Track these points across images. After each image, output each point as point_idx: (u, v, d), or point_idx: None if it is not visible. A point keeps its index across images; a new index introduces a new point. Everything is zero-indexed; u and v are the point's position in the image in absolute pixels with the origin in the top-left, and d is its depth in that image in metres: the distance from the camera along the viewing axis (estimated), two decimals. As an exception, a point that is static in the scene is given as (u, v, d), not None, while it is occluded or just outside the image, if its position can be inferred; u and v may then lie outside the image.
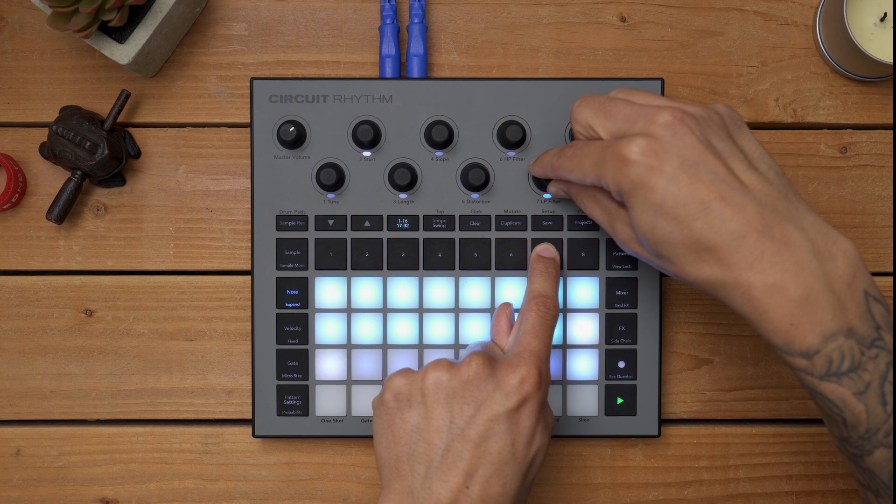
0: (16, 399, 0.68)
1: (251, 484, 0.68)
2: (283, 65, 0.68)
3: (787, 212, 0.51)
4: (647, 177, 0.51)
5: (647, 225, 0.52)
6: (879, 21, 0.65)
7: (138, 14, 0.62)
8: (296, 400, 0.65)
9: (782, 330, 0.50)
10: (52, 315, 0.68)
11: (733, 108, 0.55)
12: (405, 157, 0.65)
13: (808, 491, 0.68)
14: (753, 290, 0.50)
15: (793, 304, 0.50)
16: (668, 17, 0.68)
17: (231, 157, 0.68)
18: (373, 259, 0.65)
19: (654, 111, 0.53)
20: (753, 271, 0.50)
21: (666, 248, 0.52)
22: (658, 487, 0.68)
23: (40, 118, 0.68)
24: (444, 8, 0.68)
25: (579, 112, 0.56)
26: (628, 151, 0.52)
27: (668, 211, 0.51)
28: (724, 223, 0.50)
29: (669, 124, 0.52)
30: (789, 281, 0.50)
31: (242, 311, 0.68)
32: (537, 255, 0.63)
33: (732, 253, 0.50)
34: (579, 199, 0.59)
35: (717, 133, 0.53)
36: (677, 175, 0.51)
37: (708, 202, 0.50)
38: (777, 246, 0.50)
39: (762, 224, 0.50)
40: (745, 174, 0.52)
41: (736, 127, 0.54)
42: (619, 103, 0.55)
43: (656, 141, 0.51)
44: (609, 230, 0.57)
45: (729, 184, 0.51)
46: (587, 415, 0.66)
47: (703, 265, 0.51)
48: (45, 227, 0.68)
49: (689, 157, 0.51)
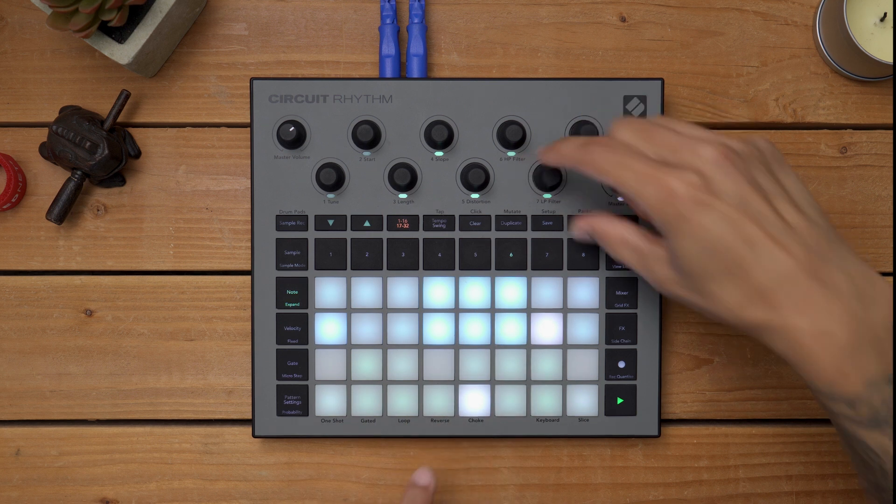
0: (16, 399, 0.68)
1: (251, 484, 0.68)
2: (283, 65, 0.68)
3: (832, 254, 0.51)
4: (694, 212, 0.50)
5: (693, 261, 0.51)
6: (879, 21, 0.65)
7: (138, 14, 0.62)
8: (296, 400, 0.65)
9: (827, 376, 0.49)
10: (52, 315, 0.68)
11: (773, 144, 0.55)
12: (405, 157, 0.65)
13: (808, 491, 0.68)
14: (800, 335, 0.49)
15: (840, 350, 0.49)
16: (668, 17, 0.68)
17: (231, 157, 0.68)
18: (373, 259, 0.65)
19: (699, 144, 0.52)
20: (801, 316, 0.49)
21: (710, 287, 0.52)
22: (658, 487, 0.68)
23: (40, 118, 0.68)
24: (444, 8, 0.68)
25: (620, 132, 0.55)
26: (676, 183, 0.51)
27: (715, 248, 0.50)
28: (773, 263, 0.50)
29: (715, 160, 0.51)
30: (837, 327, 0.49)
31: (242, 311, 0.68)
32: (412, 480, 0.62)
33: (780, 295, 0.50)
34: (608, 243, 0.58)
35: (761, 170, 0.52)
36: (726, 212, 0.50)
37: (756, 241, 0.50)
38: (824, 290, 0.49)
39: (809, 266, 0.50)
40: (791, 214, 0.51)
41: (777, 164, 0.54)
42: (662, 130, 0.54)
43: (704, 177, 0.51)
44: (643, 271, 0.56)
45: (777, 224, 0.50)
46: (587, 415, 0.66)
47: (748, 306, 0.51)
48: (45, 227, 0.68)
49: (736, 195, 0.51)
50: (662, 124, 0.55)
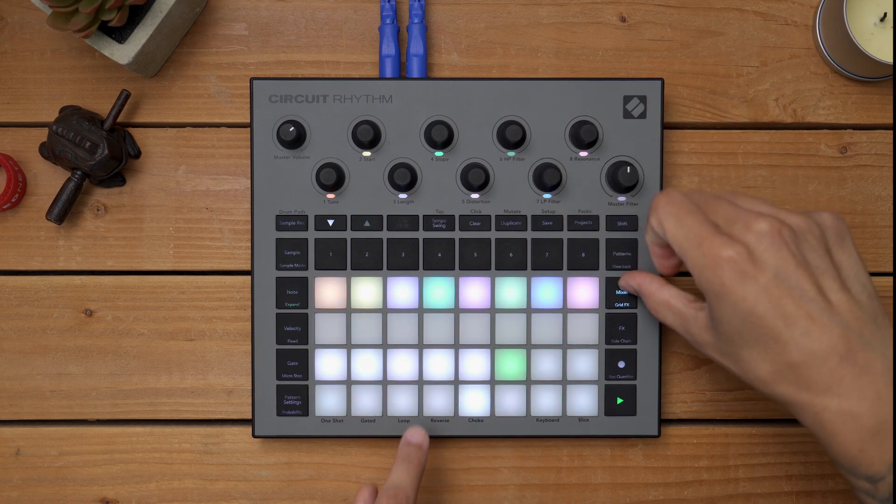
0: (16, 399, 0.68)
1: (251, 484, 0.68)
2: (283, 65, 0.68)
3: (874, 337, 0.51)
4: (738, 283, 0.51)
5: (730, 328, 0.53)
6: (879, 21, 0.65)
7: (138, 14, 0.62)
8: (295, 400, 0.65)
9: (850, 455, 0.50)
10: (52, 315, 0.68)
11: (841, 219, 0.55)
12: (405, 157, 0.65)
13: (808, 491, 0.68)
14: (827, 414, 0.50)
15: (865, 432, 0.50)
16: (668, 17, 0.68)
17: (231, 157, 0.68)
18: (373, 259, 0.65)
19: (754, 217, 0.53)
20: (830, 395, 0.50)
21: (743, 355, 0.53)
22: (658, 487, 0.68)
23: (40, 118, 0.68)
24: (444, 8, 0.68)
25: (684, 192, 0.57)
26: (723, 252, 0.52)
27: (754, 321, 0.51)
28: (809, 342, 0.50)
29: (767, 234, 0.52)
30: (865, 409, 0.50)
31: (242, 311, 0.68)
32: (404, 439, 0.62)
33: (812, 373, 0.50)
34: (652, 304, 0.60)
35: (814, 247, 0.53)
36: (769, 287, 0.51)
37: (795, 319, 0.50)
38: (858, 372, 0.50)
39: (846, 348, 0.50)
40: (835, 294, 0.52)
41: (838, 240, 0.54)
42: (722, 202, 0.55)
43: (751, 249, 0.52)
44: (684, 334, 0.58)
45: (817, 303, 0.51)
46: (587, 415, 0.66)
47: (780, 380, 0.52)
48: (45, 227, 0.68)
49: (781, 271, 0.51)
50: (725, 197, 0.56)
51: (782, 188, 0.68)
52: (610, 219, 0.65)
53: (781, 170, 0.68)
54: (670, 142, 0.68)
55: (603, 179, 0.65)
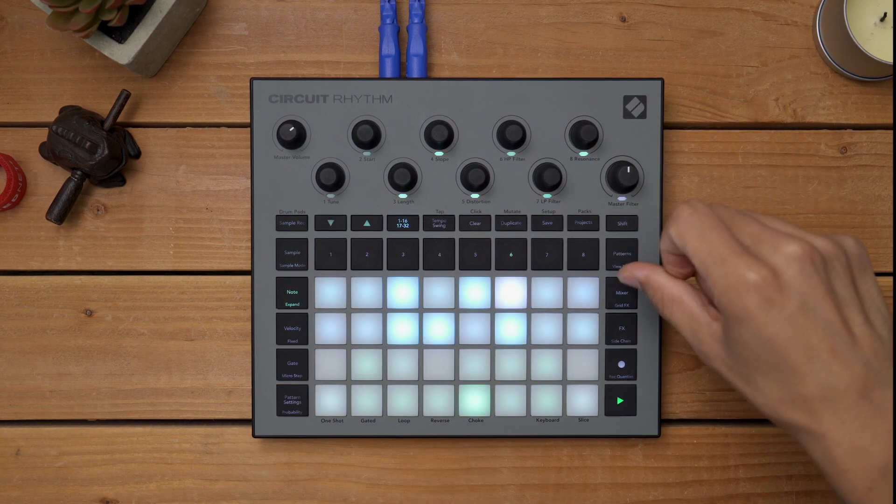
0: (16, 399, 0.68)
1: (251, 484, 0.68)
2: (283, 65, 0.68)
3: (889, 375, 0.50)
4: (762, 310, 0.49)
5: (747, 351, 0.51)
6: (879, 21, 0.65)
7: (138, 14, 0.62)
8: (296, 400, 0.65)
9: (859, 492, 0.49)
10: (52, 315, 0.68)
11: (863, 245, 0.53)
12: (405, 157, 0.65)
13: (808, 491, 0.68)
14: (838, 449, 0.49)
15: (875, 470, 0.49)
16: (668, 17, 0.68)
17: (231, 157, 0.68)
18: (373, 259, 0.65)
19: (783, 238, 0.51)
20: (843, 430, 0.49)
21: (756, 378, 0.51)
22: (658, 487, 0.68)
23: (40, 118, 0.68)
24: (444, 8, 0.68)
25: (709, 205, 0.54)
26: (749, 274, 0.50)
27: (773, 350, 0.50)
28: (828, 377, 0.49)
29: (797, 258, 0.50)
30: (877, 448, 0.49)
31: (242, 311, 0.68)
32: None
33: (827, 407, 0.49)
34: (661, 299, 0.56)
35: (841, 276, 0.51)
36: (794, 316, 0.49)
37: (817, 352, 0.49)
38: (873, 409, 0.49)
39: (864, 385, 0.49)
40: (859, 327, 0.50)
41: (861, 268, 0.52)
42: (748, 220, 0.53)
43: (778, 273, 0.49)
44: (691, 338, 0.55)
45: (841, 336, 0.50)
46: (587, 415, 0.66)
47: (791, 407, 0.50)
48: (44, 227, 0.68)
49: (808, 300, 0.49)
50: (750, 214, 0.54)
51: (782, 188, 0.68)
52: (610, 219, 0.65)
53: (781, 170, 0.68)
54: (670, 142, 0.68)
55: (603, 179, 0.65)
